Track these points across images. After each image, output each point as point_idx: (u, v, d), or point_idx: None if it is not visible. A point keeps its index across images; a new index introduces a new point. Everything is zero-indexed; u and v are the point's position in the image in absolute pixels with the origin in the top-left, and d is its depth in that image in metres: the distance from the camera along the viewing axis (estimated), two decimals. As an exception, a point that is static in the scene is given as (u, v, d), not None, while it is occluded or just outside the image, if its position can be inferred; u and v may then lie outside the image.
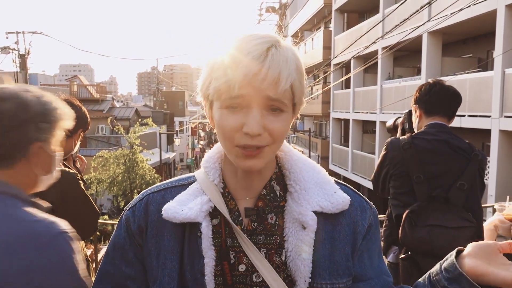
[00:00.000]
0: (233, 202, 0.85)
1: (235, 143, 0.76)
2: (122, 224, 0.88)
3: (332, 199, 0.83)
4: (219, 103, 0.76)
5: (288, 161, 0.88)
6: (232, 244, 0.82)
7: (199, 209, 0.81)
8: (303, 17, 25.08)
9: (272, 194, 0.85)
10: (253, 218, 0.83)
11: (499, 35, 8.73)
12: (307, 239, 0.80)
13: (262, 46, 0.73)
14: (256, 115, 0.74)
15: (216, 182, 0.85)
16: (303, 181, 0.85)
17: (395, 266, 2.12)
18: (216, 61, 0.76)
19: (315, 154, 21.82)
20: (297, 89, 0.77)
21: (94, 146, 21.17)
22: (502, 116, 8.68)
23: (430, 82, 2.21)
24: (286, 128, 0.78)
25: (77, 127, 2.05)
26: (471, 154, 2.05)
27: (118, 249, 0.88)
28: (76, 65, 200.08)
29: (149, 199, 0.87)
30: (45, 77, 41.22)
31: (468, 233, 1.89)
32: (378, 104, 14.52)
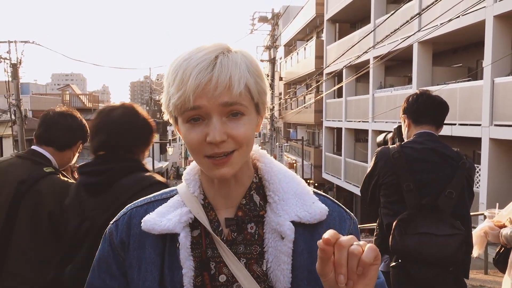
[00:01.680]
0: (213, 213, 0.85)
1: (202, 154, 0.77)
2: (106, 238, 0.89)
3: (310, 209, 0.83)
4: (180, 118, 0.78)
5: (268, 172, 0.87)
6: (213, 255, 0.82)
7: (177, 220, 0.82)
8: (295, 27, 25.29)
9: (252, 204, 0.85)
10: (233, 228, 0.83)
11: (488, 45, 8.88)
12: (285, 249, 0.80)
13: (210, 55, 0.74)
14: (216, 123, 0.74)
15: (196, 194, 0.85)
16: (282, 191, 0.85)
17: (386, 274, 2.13)
18: (170, 77, 0.77)
19: (308, 163, 21.86)
20: (254, 89, 0.78)
21: (86, 156, 21.00)
22: (492, 124, 8.79)
23: (417, 93, 2.27)
24: (250, 131, 0.78)
25: (77, 139, 2.04)
26: (459, 162, 2.08)
27: (102, 263, 0.88)
28: (69, 74, 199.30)
29: (132, 213, 0.88)
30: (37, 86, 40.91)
31: (457, 240, 1.91)
32: (370, 113, 14.62)
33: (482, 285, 5.13)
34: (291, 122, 27.34)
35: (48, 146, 1.98)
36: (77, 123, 2.06)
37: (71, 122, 2.03)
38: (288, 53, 29.31)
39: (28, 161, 1.93)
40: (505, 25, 8.74)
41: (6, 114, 13.37)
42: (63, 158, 2.03)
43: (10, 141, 15.42)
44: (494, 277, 5.65)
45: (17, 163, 1.93)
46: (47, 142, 1.99)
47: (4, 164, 1.93)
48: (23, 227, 1.81)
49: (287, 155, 25.02)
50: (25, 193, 1.81)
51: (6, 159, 1.98)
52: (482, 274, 6.04)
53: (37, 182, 1.84)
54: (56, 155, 1.99)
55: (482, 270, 6.14)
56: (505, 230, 2.11)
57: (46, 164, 1.93)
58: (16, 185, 1.82)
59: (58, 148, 1.99)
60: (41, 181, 1.84)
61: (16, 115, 13.12)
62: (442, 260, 1.91)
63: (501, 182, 8.82)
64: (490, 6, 8.68)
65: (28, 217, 1.82)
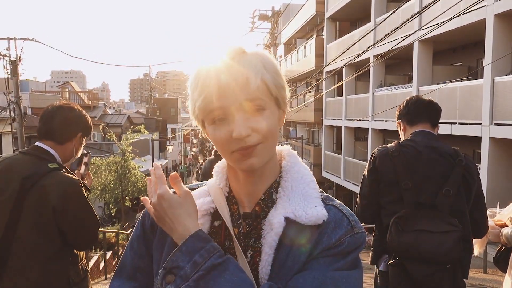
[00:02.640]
0: (235, 206, 0.90)
1: (230, 150, 0.81)
2: (140, 221, 0.98)
3: (309, 211, 0.83)
4: (207, 120, 0.83)
5: (288, 171, 0.90)
6: (229, 246, 0.87)
7: (198, 208, 0.87)
8: (295, 25, 25.26)
9: (270, 201, 0.89)
10: (248, 222, 0.88)
11: (488, 44, 8.87)
12: (269, 241, 0.83)
13: (227, 59, 0.80)
14: (240, 119, 0.79)
15: (222, 186, 0.92)
16: (290, 190, 0.88)
17: (385, 274, 2.13)
18: (193, 84, 0.83)
19: (308, 161, 21.86)
20: (271, 84, 0.82)
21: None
22: (492, 123, 8.78)
23: (407, 99, 2.36)
24: (272, 125, 0.82)
25: (76, 130, 2.04)
26: (456, 159, 2.08)
27: (134, 243, 0.97)
28: (68, 71, 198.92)
29: None
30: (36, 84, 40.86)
31: (454, 237, 1.91)
32: (370, 112, 14.62)
33: (481, 284, 5.14)
34: (291, 120, 27.34)
35: (48, 140, 1.98)
36: (74, 115, 2.05)
37: (68, 113, 2.03)
38: (288, 51, 29.27)
39: (32, 157, 1.93)
40: (505, 24, 8.73)
41: (6, 111, 13.35)
42: (65, 151, 2.02)
43: (10, 139, 15.41)
44: (494, 276, 5.65)
45: (22, 159, 1.93)
46: (46, 136, 1.99)
47: (9, 161, 1.92)
48: (27, 223, 1.82)
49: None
50: (29, 189, 1.82)
51: (10, 156, 1.98)
52: (482, 273, 6.04)
53: (41, 178, 1.84)
54: (58, 149, 1.99)
55: (481, 269, 6.14)
56: (506, 230, 2.10)
57: (51, 160, 1.93)
58: (21, 181, 1.82)
59: (58, 141, 1.99)
60: (45, 177, 1.85)
61: (15, 112, 13.09)
62: (439, 257, 1.91)
63: (501, 181, 8.82)
64: (491, 5, 8.66)
65: (32, 213, 1.82)
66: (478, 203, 2.12)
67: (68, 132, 2.02)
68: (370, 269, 2.32)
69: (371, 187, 2.18)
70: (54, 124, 1.99)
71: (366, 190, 2.21)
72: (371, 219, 2.25)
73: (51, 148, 1.97)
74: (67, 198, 1.85)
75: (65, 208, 1.85)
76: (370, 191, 2.18)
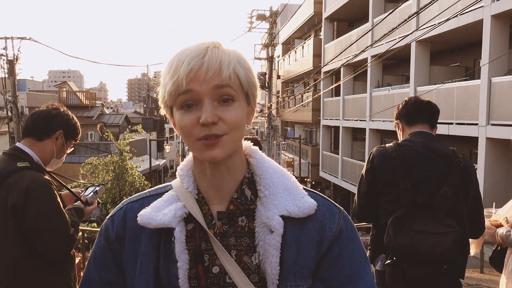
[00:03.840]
0: (206, 207, 0.88)
1: (195, 137, 0.81)
2: (102, 232, 0.93)
3: (299, 203, 0.86)
4: (176, 105, 0.82)
5: (259, 167, 0.91)
6: (206, 247, 0.85)
7: (172, 214, 0.85)
8: (293, 25, 25.27)
9: (243, 198, 0.88)
10: (224, 221, 0.86)
11: (485, 45, 8.89)
12: (274, 243, 0.83)
13: (201, 46, 0.81)
14: (208, 105, 0.79)
15: (191, 189, 0.88)
16: (272, 186, 0.88)
17: (382, 274, 2.13)
18: (165, 70, 0.83)
19: (305, 161, 21.88)
20: (243, 77, 0.83)
21: (83, 153, 20.94)
22: (489, 124, 8.81)
23: (406, 99, 2.36)
24: (240, 117, 0.82)
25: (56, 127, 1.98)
26: (455, 160, 2.08)
27: (98, 257, 0.92)
28: (66, 71, 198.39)
29: (128, 208, 0.92)
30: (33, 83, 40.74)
31: (451, 238, 1.91)
32: (368, 112, 14.64)
33: (478, 284, 5.15)
34: (288, 120, 27.35)
35: (28, 136, 1.95)
36: (57, 112, 2.01)
37: (50, 110, 2.00)
38: (286, 51, 29.28)
39: (6, 156, 1.89)
40: (502, 24, 8.76)
41: (3, 110, 13.32)
42: (44, 149, 1.96)
43: (7, 138, 15.37)
44: (490, 276, 5.67)
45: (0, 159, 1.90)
46: (26, 131, 1.96)
47: None
48: None
49: (284, 153, 25.03)
50: None
51: None
52: (478, 273, 6.06)
53: (8, 177, 1.79)
54: (36, 147, 1.93)
55: (478, 269, 6.16)
56: (501, 230, 2.11)
57: (23, 158, 1.87)
58: None
59: (36, 137, 1.94)
60: (11, 176, 1.79)
61: (12, 112, 13.07)
62: (436, 258, 1.92)
63: (498, 181, 8.85)
64: (488, 6, 8.69)
65: None
66: (475, 204, 2.13)
67: (47, 126, 1.96)
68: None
69: (369, 186, 2.18)
70: (35, 120, 1.97)
71: (363, 190, 2.21)
72: (368, 218, 2.25)
73: (29, 146, 1.92)
74: (27, 195, 1.75)
75: (25, 206, 1.75)
76: (368, 190, 2.18)
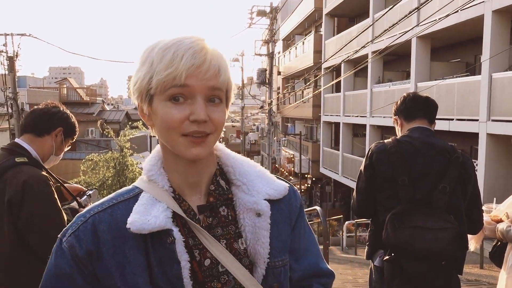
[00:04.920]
0: (186, 204, 0.88)
1: (181, 132, 0.80)
2: (65, 253, 0.81)
3: (275, 186, 0.94)
4: (162, 96, 0.80)
5: (227, 159, 0.95)
6: (194, 243, 0.85)
7: (165, 216, 0.83)
8: (294, 21, 25.20)
9: (220, 189, 0.91)
10: (207, 214, 0.88)
11: (486, 40, 8.86)
12: (264, 225, 0.89)
13: (199, 42, 0.80)
14: (201, 104, 0.80)
15: (166, 188, 0.87)
16: (248, 174, 0.93)
17: (380, 270, 2.14)
18: (156, 56, 0.79)
19: (306, 158, 21.88)
20: (230, 82, 0.86)
21: (83, 150, 20.96)
22: (490, 119, 8.80)
23: (404, 95, 2.36)
24: (224, 118, 0.85)
25: (55, 124, 2.00)
26: (453, 156, 2.08)
27: (64, 280, 0.81)
28: (66, 67, 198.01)
29: (95, 219, 0.83)
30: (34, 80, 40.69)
31: (450, 234, 1.91)
32: (368, 108, 14.63)
33: (477, 279, 5.17)
34: (289, 116, 27.33)
35: (28, 132, 1.96)
36: (57, 110, 2.03)
37: (50, 108, 2.02)
38: (286, 47, 29.21)
39: (5, 152, 1.89)
40: (503, 20, 8.73)
41: (3, 107, 13.32)
42: (43, 145, 1.97)
43: (7, 135, 15.38)
44: (490, 272, 5.68)
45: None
46: (26, 128, 1.97)
47: None
48: None
49: (285, 149, 25.03)
50: None
51: None
52: (478, 268, 6.07)
53: (5, 172, 1.79)
54: (35, 143, 1.94)
55: (477, 265, 6.18)
56: (501, 225, 2.12)
57: (21, 154, 1.87)
58: None
59: (36, 133, 1.95)
60: (10, 171, 1.79)
61: (13, 109, 13.07)
62: (434, 254, 1.92)
63: (498, 177, 8.85)
64: (489, 1, 8.65)
65: None
66: (474, 200, 2.13)
67: (47, 123, 1.98)
68: (367, 263, 2.32)
69: (367, 182, 2.18)
70: (35, 116, 1.98)
71: (362, 186, 2.21)
72: (367, 214, 2.26)
73: (28, 142, 1.93)
74: (24, 190, 1.74)
75: (22, 201, 1.74)
76: (367, 186, 2.18)
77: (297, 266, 0.98)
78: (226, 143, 26.88)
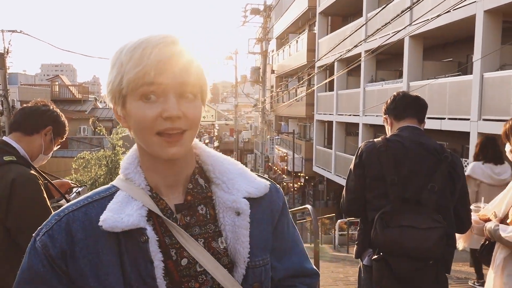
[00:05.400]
0: (163, 202, 0.86)
1: (155, 130, 0.78)
2: (38, 252, 0.79)
3: (256, 185, 0.93)
4: (133, 95, 0.78)
5: (207, 157, 0.93)
6: (171, 242, 0.84)
7: (139, 214, 0.81)
8: (287, 20, 25.19)
9: (199, 187, 0.90)
10: (185, 213, 0.87)
11: (478, 40, 8.92)
12: (244, 224, 0.88)
13: (168, 38, 0.78)
14: (173, 100, 0.78)
15: (143, 186, 0.86)
16: (228, 173, 0.92)
17: (369, 268, 2.14)
18: (123, 57, 0.78)
19: (299, 156, 21.91)
20: (203, 77, 0.83)
21: (75, 147, 20.82)
22: (481, 119, 8.86)
23: (394, 94, 2.36)
24: (199, 114, 0.83)
25: (44, 122, 1.98)
26: (442, 155, 2.09)
27: (36, 281, 0.79)
28: (58, 64, 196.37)
29: (69, 218, 0.82)
30: (25, 77, 40.32)
31: (437, 233, 1.92)
32: (361, 107, 14.67)
33: (467, 278, 5.20)
34: (282, 115, 27.34)
35: (17, 131, 1.93)
36: (46, 108, 2.01)
37: (40, 106, 2.00)
38: (280, 46, 29.20)
39: None
40: (495, 19, 8.78)
41: (-7, 104, 13.16)
42: (32, 144, 1.95)
43: (-2, 132, 15.23)
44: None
45: None
46: (14, 126, 1.95)
47: None
48: None
49: (278, 148, 25.05)
50: None
51: None
52: (468, 266, 6.11)
53: None
54: (24, 141, 1.92)
55: (467, 263, 6.22)
56: (489, 224, 2.12)
57: (10, 152, 1.85)
58: None
59: (25, 131, 1.93)
60: None
61: (3, 106, 12.93)
62: (422, 253, 1.93)
63: (489, 176, 8.90)
64: (481, 1, 8.70)
65: None
66: (462, 199, 2.14)
67: (36, 121, 1.96)
68: (358, 262, 2.33)
69: (357, 181, 2.18)
70: (24, 114, 1.96)
71: (352, 185, 2.21)
72: (356, 213, 2.26)
73: (16, 140, 1.91)
74: (13, 189, 1.73)
75: (10, 200, 1.72)
76: (356, 185, 2.18)
77: (280, 266, 0.97)
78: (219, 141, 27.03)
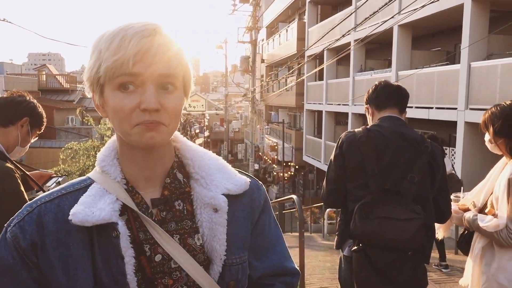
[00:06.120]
0: (139, 196, 0.84)
1: (133, 122, 0.75)
2: (9, 243, 0.78)
3: (236, 181, 0.90)
4: (111, 84, 0.76)
5: (187, 151, 0.91)
6: (145, 237, 0.82)
7: (111, 208, 0.79)
8: (277, 9, 25.01)
9: (177, 182, 0.87)
10: (161, 208, 0.85)
11: (465, 29, 8.94)
12: (221, 221, 0.85)
13: (149, 26, 0.76)
14: (152, 91, 0.75)
15: (118, 179, 0.84)
16: (207, 168, 0.89)
17: (349, 259, 2.14)
18: (102, 45, 0.76)
19: (289, 145, 21.94)
20: (185, 68, 0.80)
21: (63, 138, 20.60)
22: (468, 108, 8.92)
23: (375, 83, 2.33)
24: (180, 106, 0.80)
25: (20, 113, 1.94)
26: (422, 145, 2.08)
27: (6, 274, 0.77)
28: (46, 54, 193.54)
29: (41, 210, 0.80)
30: (12, 66, 39.72)
31: (416, 224, 1.92)
32: (350, 96, 14.69)
33: (451, 265, 5.27)
34: (272, 104, 27.29)
35: None
36: (23, 99, 1.97)
37: (15, 97, 1.96)
38: (270, 35, 29.03)
39: None
40: (483, 9, 8.80)
41: (-22, 94, 12.97)
42: (8, 136, 1.91)
43: (-17, 123, 15.02)
44: (464, 257, 5.79)
45: None
46: None
47: None
48: None
49: (268, 137, 25.04)
50: None
51: None
52: (453, 254, 6.20)
53: None
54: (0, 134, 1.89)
55: (452, 250, 6.30)
56: (468, 214, 2.13)
57: None
58: None
59: (0, 123, 1.89)
60: None
61: (-12, 96, 12.74)
62: (401, 245, 1.92)
63: (475, 165, 9.00)
64: (469, -10, 8.70)
65: None
66: (442, 190, 2.14)
67: (11, 113, 1.92)
68: (338, 252, 2.33)
69: (337, 172, 2.17)
70: None
71: (332, 175, 2.20)
72: (337, 204, 2.25)
73: None
74: None
75: None
76: (337, 176, 2.17)
77: (259, 264, 0.95)
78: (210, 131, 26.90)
